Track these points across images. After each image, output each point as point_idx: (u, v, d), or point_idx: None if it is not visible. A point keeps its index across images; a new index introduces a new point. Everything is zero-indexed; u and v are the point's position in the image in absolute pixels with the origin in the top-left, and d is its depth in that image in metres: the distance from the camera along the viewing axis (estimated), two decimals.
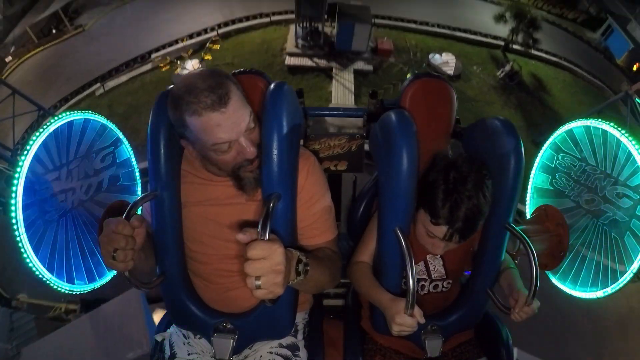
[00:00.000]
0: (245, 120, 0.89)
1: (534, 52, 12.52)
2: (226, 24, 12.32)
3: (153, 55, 11.34)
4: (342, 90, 10.77)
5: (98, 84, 10.67)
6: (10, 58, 12.09)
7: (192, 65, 10.39)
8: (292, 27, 11.84)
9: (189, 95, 0.84)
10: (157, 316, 2.25)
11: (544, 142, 1.56)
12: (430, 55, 11.98)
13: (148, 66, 11.21)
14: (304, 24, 11.20)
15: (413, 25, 13.09)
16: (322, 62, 11.35)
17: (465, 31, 13.43)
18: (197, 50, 11.25)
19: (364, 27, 10.88)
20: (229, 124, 0.87)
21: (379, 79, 10.98)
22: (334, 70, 11.20)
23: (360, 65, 11.38)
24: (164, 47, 11.53)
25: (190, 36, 11.69)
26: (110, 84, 10.78)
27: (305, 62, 11.40)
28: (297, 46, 11.58)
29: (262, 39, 12.03)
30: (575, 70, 13.38)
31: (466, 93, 11.02)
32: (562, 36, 15.00)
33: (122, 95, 10.42)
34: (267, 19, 12.52)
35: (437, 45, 12.56)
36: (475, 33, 13.46)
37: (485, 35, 13.47)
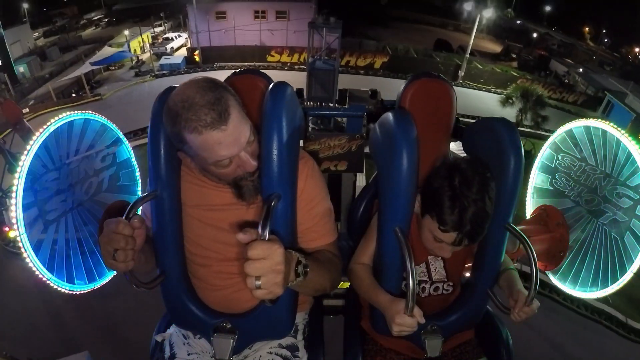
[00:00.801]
0: (245, 135, 0.88)
1: (542, 132, 12.88)
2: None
3: None
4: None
5: None
6: (27, 110, 12.53)
7: None
8: None
9: (187, 111, 0.82)
10: None
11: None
12: None
13: None
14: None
15: None
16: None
17: (473, 118, 13.76)
18: None
19: None
20: (230, 141, 0.85)
21: None
22: None
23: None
24: None
25: None
26: None
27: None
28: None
29: None
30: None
31: None
32: (566, 117, 15.58)
33: None
34: None
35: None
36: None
37: None
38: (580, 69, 21.21)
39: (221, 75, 1.02)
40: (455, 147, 1.29)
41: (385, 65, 18.27)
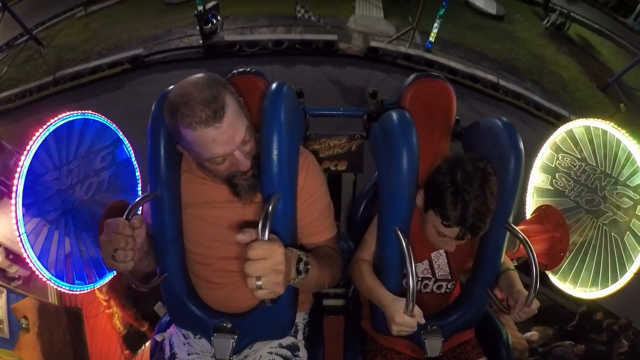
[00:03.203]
0: (240, 134, 0.88)
1: (575, 15, 11.99)
2: None
3: None
4: (367, 7, 8.99)
5: (80, 8, 9.40)
6: None
7: None
8: None
9: (184, 106, 0.83)
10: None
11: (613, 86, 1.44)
12: None
13: None
14: None
15: None
16: None
17: None
18: None
19: None
20: (224, 139, 0.86)
21: (411, 7, 8.95)
22: None
23: None
24: None
25: None
26: (94, 7, 9.49)
27: None
28: None
29: None
30: (618, 41, 12.93)
31: (514, 34, 9.94)
32: (597, 14, 14.71)
33: (102, 16, 9.21)
34: None
35: None
36: None
37: None
38: None
39: None
40: None
41: None
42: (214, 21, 6.90)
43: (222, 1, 7.61)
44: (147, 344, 2.16)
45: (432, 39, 6.50)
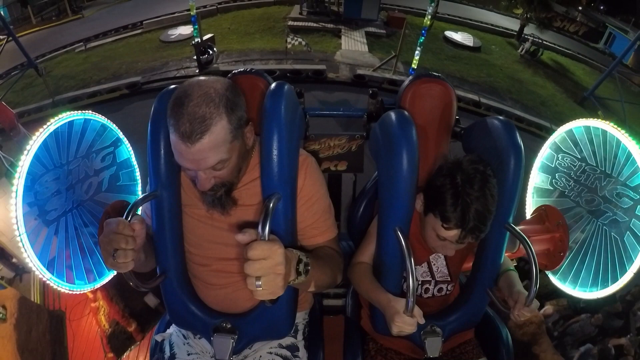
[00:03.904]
0: (209, 161, 0.86)
1: (548, 43, 12.60)
2: (226, 2, 12.30)
3: (145, 22, 11.01)
4: (352, 43, 9.92)
5: (80, 44, 10.31)
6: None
7: (184, 29, 9.97)
8: (297, 6, 11.47)
9: (176, 107, 0.83)
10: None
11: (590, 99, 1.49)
12: (447, 32, 12.07)
13: (138, 31, 10.87)
14: None
15: (424, 12, 13.14)
16: (329, 26, 10.55)
17: (477, 21, 13.92)
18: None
19: None
20: (190, 158, 0.85)
21: (393, 43, 10.16)
22: (342, 31, 10.30)
23: (371, 29, 10.67)
24: (158, 17, 11.21)
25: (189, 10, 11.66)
26: (93, 44, 10.43)
27: (310, 25, 10.56)
28: (301, 13, 10.92)
29: (263, 12, 11.84)
30: (591, 63, 13.50)
31: (491, 62, 11.00)
32: (569, 42, 15.37)
33: (102, 51, 10.01)
34: None
35: (451, 28, 12.75)
36: (487, 24, 14.00)
37: (498, 27, 13.94)
38: (580, 7, 20.23)
39: None
40: None
41: None
42: (210, 52, 7.39)
43: (216, 38, 7.99)
44: (133, 347, 2.10)
45: (414, 65, 7.04)
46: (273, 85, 0.99)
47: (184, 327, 1.16)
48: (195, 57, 7.10)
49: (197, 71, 6.85)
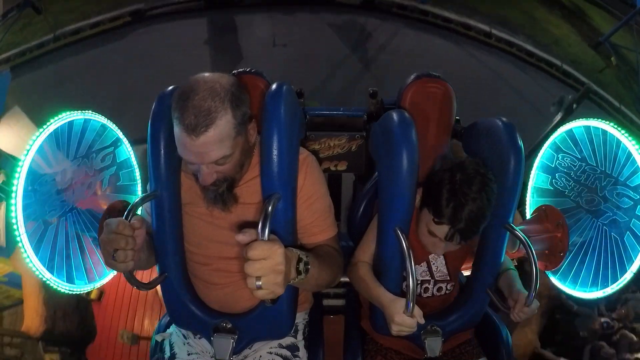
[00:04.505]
0: (213, 155, 0.87)
1: None
2: None
3: None
4: None
5: None
6: None
7: None
8: None
9: (181, 100, 0.84)
10: None
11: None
12: None
13: None
14: None
15: None
16: None
17: None
18: None
19: None
20: (194, 151, 0.86)
21: None
22: None
23: None
24: None
25: None
26: None
27: None
28: None
29: None
30: (612, 11, 12.16)
31: None
32: None
33: None
34: None
35: None
36: None
37: None
38: None
39: None
40: None
41: None
42: None
43: None
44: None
45: None
46: (273, 85, 0.99)
47: (184, 327, 1.16)
48: None
49: None
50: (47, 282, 1.25)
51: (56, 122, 1.27)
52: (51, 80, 4.50)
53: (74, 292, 1.35)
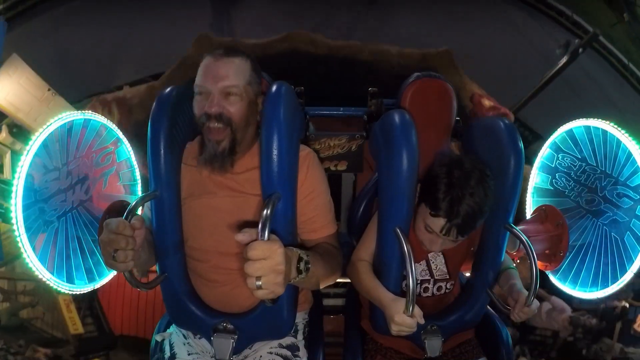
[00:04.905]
0: (228, 82, 0.95)
1: None
2: None
3: None
4: None
5: None
6: None
7: None
8: None
9: (211, 52, 0.99)
10: None
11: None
12: None
13: None
14: None
15: None
16: None
17: None
18: None
19: None
20: (212, 72, 0.95)
21: None
22: None
23: None
24: None
25: None
26: None
27: None
28: None
29: None
30: None
31: None
32: None
33: None
34: None
35: None
36: None
37: None
38: None
39: None
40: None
41: None
42: None
43: None
44: None
45: None
46: (273, 85, 0.99)
47: (184, 327, 1.16)
48: None
49: None
50: (47, 282, 1.25)
51: (56, 122, 1.27)
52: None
53: (74, 293, 1.35)
